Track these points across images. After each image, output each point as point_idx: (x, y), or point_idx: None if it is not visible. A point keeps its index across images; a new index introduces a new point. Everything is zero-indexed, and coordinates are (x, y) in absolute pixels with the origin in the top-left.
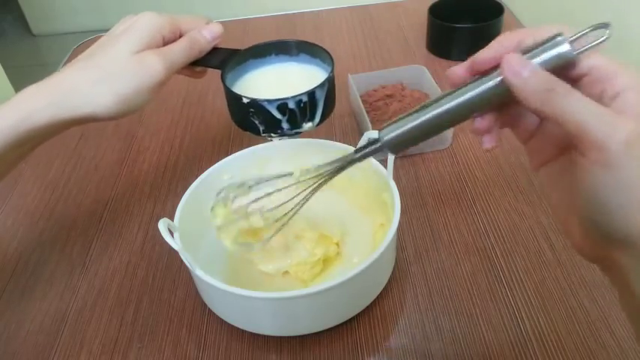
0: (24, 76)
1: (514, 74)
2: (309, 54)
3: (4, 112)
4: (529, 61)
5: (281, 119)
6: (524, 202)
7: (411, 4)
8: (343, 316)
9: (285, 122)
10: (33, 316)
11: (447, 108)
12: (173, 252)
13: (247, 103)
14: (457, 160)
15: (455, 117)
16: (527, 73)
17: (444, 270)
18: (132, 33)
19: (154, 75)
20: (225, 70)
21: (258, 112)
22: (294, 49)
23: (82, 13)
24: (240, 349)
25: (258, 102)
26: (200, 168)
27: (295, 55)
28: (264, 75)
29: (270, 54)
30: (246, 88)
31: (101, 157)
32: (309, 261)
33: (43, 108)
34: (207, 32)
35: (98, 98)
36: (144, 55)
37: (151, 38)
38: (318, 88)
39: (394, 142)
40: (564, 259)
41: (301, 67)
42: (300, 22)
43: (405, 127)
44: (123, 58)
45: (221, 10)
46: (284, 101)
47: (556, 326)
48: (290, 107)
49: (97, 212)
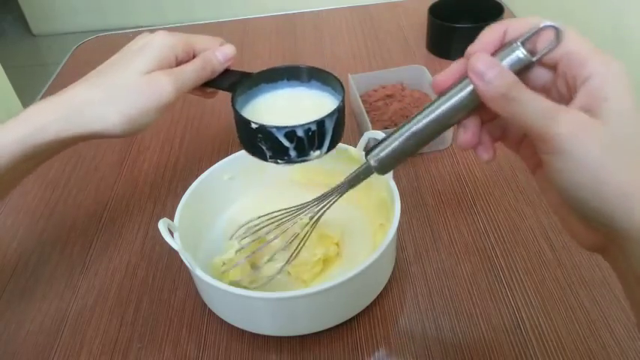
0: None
1: (478, 77)
2: (320, 81)
3: (13, 125)
4: (496, 62)
5: (289, 147)
6: (524, 202)
7: (411, 4)
8: (343, 316)
9: (292, 150)
10: (33, 316)
11: (425, 123)
12: (173, 252)
13: (255, 128)
14: (457, 160)
15: (433, 131)
16: (492, 75)
17: (444, 270)
18: (145, 52)
19: (164, 96)
20: (235, 94)
21: (266, 138)
22: (306, 76)
23: (82, 13)
24: (240, 349)
25: (266, 128)
26: (200, 168)
27: (306, 82)
28: (275, 100)
29: (282, 79)
30: (255, 112)
31: (101, 157)
32: (309, 261)
33: (52, 123)
34: (220, 54)
35: (106, 117)
36: (155, 75)
37: (164, 58)
38: (327, 118)
39: (381, 164)
40: (564, 259)
41: (312, 94)
42: (300, 22)
43: (389, 148)
44: (134, 78)
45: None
46: (292, 129)
47: (556, 326)
48: (298, 135)
49: (97, 212)
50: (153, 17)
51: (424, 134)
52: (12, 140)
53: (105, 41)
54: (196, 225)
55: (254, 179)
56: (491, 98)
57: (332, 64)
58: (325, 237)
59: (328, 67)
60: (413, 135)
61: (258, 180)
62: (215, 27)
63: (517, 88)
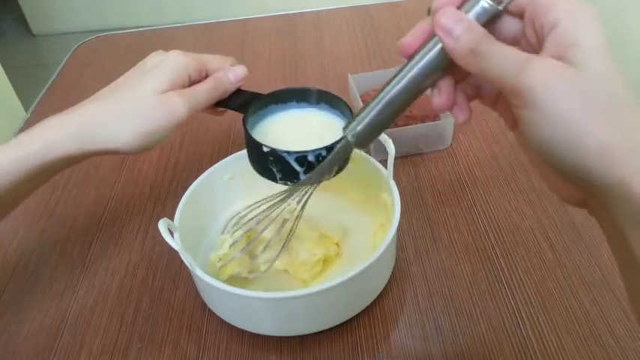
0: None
1: (445, 34)
2: (329, 104)
3: (27, 139)
4: (463, 16)
5: (299, 171)
6: (524, 202)
7: (411, 4)
8: (343, 316)
9: (302, 174)
10: (33, 316)
11: (396, 91)
12: (173, 252)
13: (267, 152)
14: (457, 160)
15: (407, 97)
16: (460, 31)
17: (444, 270)
18: (159, 72)
19: (176, 116)
20: (247, 114)
21: (277, 161)
22: (315, 98)
23: (82, 13)
24: (240, 349)
25: (277, 152)
26: (200, 168)
27: (315, 104)
28: (285, 121)
29: (292, 100)
30: (266, 133)
31: (101, 157)
32: (309, 261)
33: (66, 139)
34: (232, 75)
35: (120, 135)
36: (168, 96)
37: (177, 78)
38: (337, 143)
39: (359, 137)
40: (564, 259)
41: (321, 116)
42: (300, 22)
43: (366, 120)
44: (148, 97)
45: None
46: (304, 154)
47: (556, 326)
48: (309, 160)
49: (97, 212)
50: (153, 17)
51: (399, 102)
52: (26, 154)
53: (105, 41)
54: (196, 225)
55: (254, 179)
56: (461, 55)
57: (332, 64)
58: (325, 237)
59: (328, 67)
60: (387, 104)
61: (258, 180)
62: (215, 27)
63: (486, 42)
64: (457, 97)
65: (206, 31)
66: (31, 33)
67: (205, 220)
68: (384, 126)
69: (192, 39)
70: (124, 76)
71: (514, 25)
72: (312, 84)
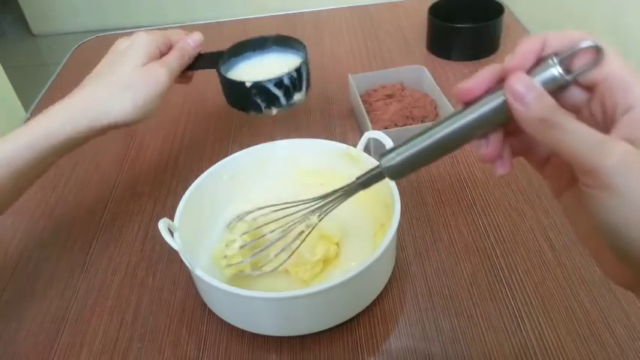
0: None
1: (516, 99)
2: (282, 45)
3: (26, 129)
4: (535, 85)
5: (279, 95)
6: (524, 202)
7: (411, 4)
8: (343, 316)
9: (282, 97)
10: (33, 316)
11: (446, 133)
12: (173, 252)
13: (250, 86)
14: (457, 160)
15: (455, 142)
16: (531, 99)
17: (444, 270)
18: (134, 50)
19: (161, 82)
20: (219, 66)
21: (260, 91)
22: (271, 43)
23: (83, 13)
24: (240, 349)
25: (260, 83)
26: (200, 168)
27: (271, 47)
28: (249, 65)
29: (250, 50)
30: (238, 78)
31: (101, 157)
32: (309, 261)
33: (66, 123)
34: (191, 41)
35: (117, 108)
36: (150, 66)
37: (151, 52)
38: (302, 65)
39: (394, 170)
40: (564, 259)
41: (277, 55)
42: (300, 22)
43: (405, 154)
44: (133, 71)
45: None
46: (280, 78)
47: (556, 326)
48: (285, 83)
49: (97, 212)
50: (153, 17)
51: (443, 145)
52: (25, 143)
53: (105, 41)
54: (196, 225)
55: (254, 179)
56: (530, 122)
57: (332, 64)
58: (325, 237)
59: (328, 67)
60: (432, 144)
61: (258, 180)
62: (215, 27)
63: (558, 113)
64: (503, 151)
65: (206, 31)
66: (31, 33)
67: (205, 220)
68: (420, 164)
69: None
70: (101, 64)
71: (579, 95)
72: (312, 84)
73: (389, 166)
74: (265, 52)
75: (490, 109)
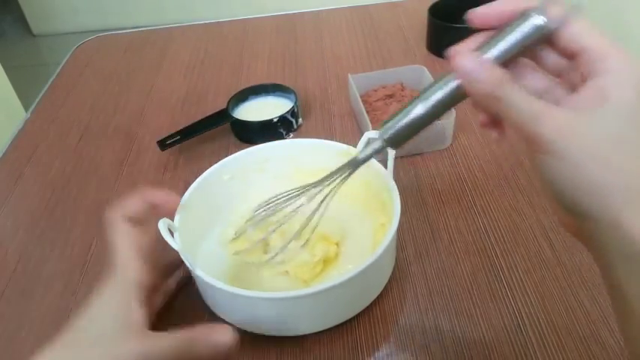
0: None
1: (464, 75)
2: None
3: None
4: (485, 59)
5: (292, 120)
6: (524, 202)
7: (411, 4)
8: (343, 316)
9: (294, 122)
10: (33, 316)
11: (437, 98)
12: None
13: (276, 120)
14: (457, 160)
15: (447, 104)
16: (478, 73)
17: (444, 270)
18: None
19: None
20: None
21: (282, 122)
22: (270, 89)
23: (83, 13)
24: (240, 349)
25: (283, 115)
26: (200, 168)
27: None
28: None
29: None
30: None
31: (101, 157)
32: (309, 261)
33: None
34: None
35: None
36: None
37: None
38: (294, 106)
39: (394, 138)
40: (564, 259)
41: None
42: (300, 22)
43: (402, 122)
44: None
45: (221, 10)
46: (292, 109)
47: (556, 326)
48: (295, 111)
49: (97, 212)
50: (153, 17)
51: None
52: None
53: (105, 41)
54: (196, 225)
55: (254, 179)
56: (478, 96)
57: (332, 64)
58: (325, 237)
59: (328, 67)
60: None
61: (258, 180)
62: (215, 27)
63: (503, 86)
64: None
65: (206, 31)
66: (31, 33)
67: (205, 220)
68: (416, 130)
69: (193, 39)
70: None
71: (559, 61)
72: (312, 84)
73: (388, 136)
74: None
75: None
